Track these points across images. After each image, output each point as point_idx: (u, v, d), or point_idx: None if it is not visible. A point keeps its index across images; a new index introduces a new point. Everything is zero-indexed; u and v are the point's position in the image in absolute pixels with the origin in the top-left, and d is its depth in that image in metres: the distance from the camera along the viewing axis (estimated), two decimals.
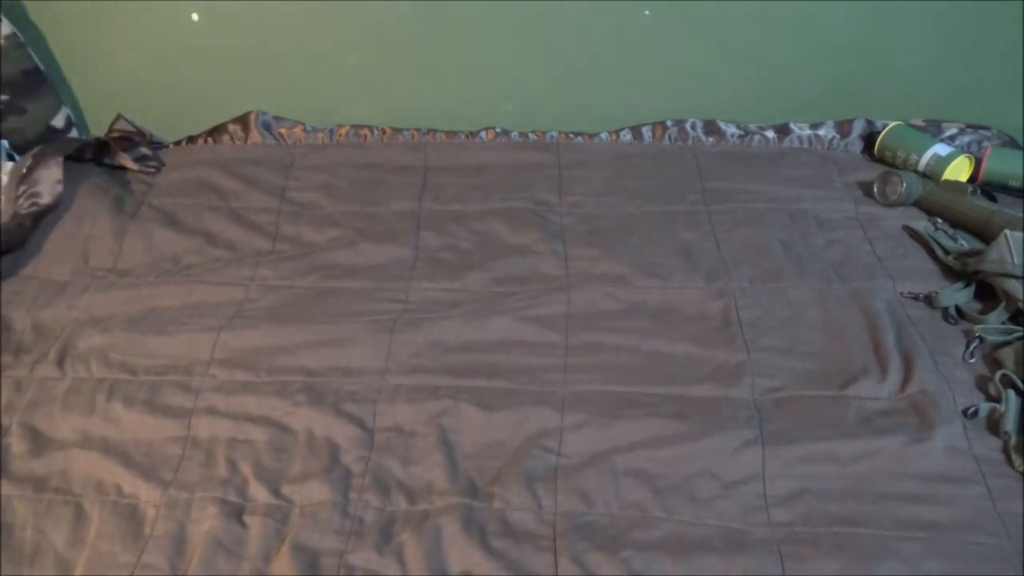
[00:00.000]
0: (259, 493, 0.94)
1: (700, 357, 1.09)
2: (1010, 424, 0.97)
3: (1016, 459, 0.94)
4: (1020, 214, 1.26)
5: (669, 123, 1.58)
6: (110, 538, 0.90)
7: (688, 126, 1.58)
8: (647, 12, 1.49)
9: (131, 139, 1.51)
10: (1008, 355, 1.05)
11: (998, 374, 1.03)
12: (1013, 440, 0.96)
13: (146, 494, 0.94)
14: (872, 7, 1.47)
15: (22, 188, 1.32)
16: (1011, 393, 1.00)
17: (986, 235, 1.26)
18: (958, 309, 1.16)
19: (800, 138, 1.56)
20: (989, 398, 1.02)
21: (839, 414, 1.01)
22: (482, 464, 0.97)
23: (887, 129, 1.49)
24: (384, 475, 0.95)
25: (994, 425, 0.98)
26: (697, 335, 1.13)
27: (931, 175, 1.42)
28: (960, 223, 1.31)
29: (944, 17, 1.48)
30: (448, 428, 1.00)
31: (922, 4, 1.46)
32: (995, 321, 1.12)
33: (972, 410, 1.00)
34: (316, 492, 0.94)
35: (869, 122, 1.56)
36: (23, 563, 0.88)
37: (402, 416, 1.02)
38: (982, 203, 1.31)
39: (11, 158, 1.42)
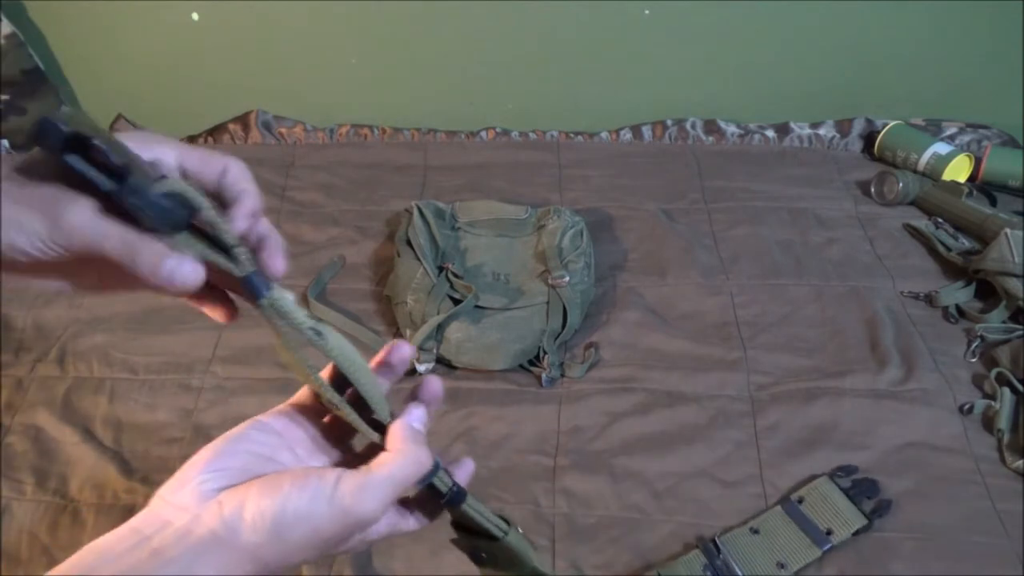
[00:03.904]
0: None
1: (696, 354, 1.09)
2: (1004, 422, 0.97)
3: (1009, 457, 0.94)
4: (1015, 218, 1.26)
5: (669, 122, 1.58)
6: None
7: (688, 125, 1.58)
8: (647, 12, 1.49)
9: None
10: (1004, 353, 1.06)
11: (994, 372, 1.03)
12: (1007, 438, 0.96)
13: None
14: (872, 7, 1.46)
15: None
16: (1006, 391, 1.00)
17: (981, 237, 1.26)
18: (958, 308, 1.16)
19: (800, 137, 1.56)
20: (986, 396, 1.02)
21: (834, 410, 1.01)
22: (485, 463, 0.96)
23: (887, 128, 1.49)
24: None
25: (989, 422, 0.98)
26: (694, 332, 1.13)
27: (931, 174, 1.41)
28: (956, 224, 1.31)
29: (944, 16, 1.47)
30: (448, 429, 1.00)
31: (922, 4, 1.46)
32: (996, 320, 1.12)
33: (968, 407, 1.00)
34: None
35: (869, 121, 1.56)
36: (19, 566, 0.88)
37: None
38: (977, 205, 1.31)
39: None
